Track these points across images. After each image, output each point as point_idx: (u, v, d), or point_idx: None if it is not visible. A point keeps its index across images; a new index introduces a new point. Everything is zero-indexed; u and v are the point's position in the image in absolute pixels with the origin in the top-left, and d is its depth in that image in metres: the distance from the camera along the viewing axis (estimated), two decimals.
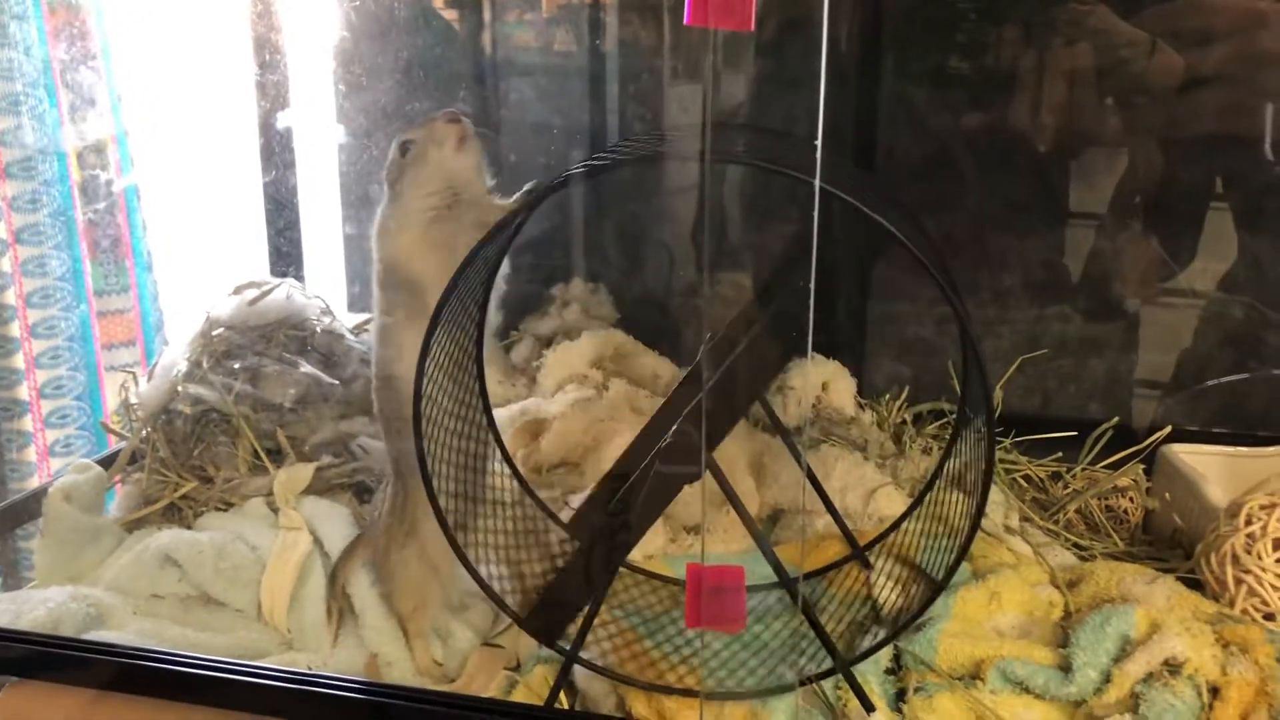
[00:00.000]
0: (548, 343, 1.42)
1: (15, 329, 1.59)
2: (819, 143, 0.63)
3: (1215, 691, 0.86)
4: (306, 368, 1.16)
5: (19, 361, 1.60)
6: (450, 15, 1.67)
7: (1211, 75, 1.35)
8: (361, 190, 1.57)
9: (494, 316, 1.14)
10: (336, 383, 1.15)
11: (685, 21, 0.63)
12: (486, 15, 1.64)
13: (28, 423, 1.63)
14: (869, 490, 1.17)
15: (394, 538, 1.02)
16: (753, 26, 0.63)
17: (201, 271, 1.72)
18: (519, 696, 0.93)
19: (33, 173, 1.58)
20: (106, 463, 1.24)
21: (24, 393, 1.61)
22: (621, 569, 1.00)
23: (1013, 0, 1.41)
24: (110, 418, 1.64)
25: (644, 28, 1.59)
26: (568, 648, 0.89)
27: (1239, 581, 0.96)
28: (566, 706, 0.91)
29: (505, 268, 0.99)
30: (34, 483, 1.62)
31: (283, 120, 1.60)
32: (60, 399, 1.66)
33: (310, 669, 0.95)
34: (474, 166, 0.99)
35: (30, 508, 1.23)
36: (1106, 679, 0.88)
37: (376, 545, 1.04)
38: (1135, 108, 1.41)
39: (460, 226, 0.95)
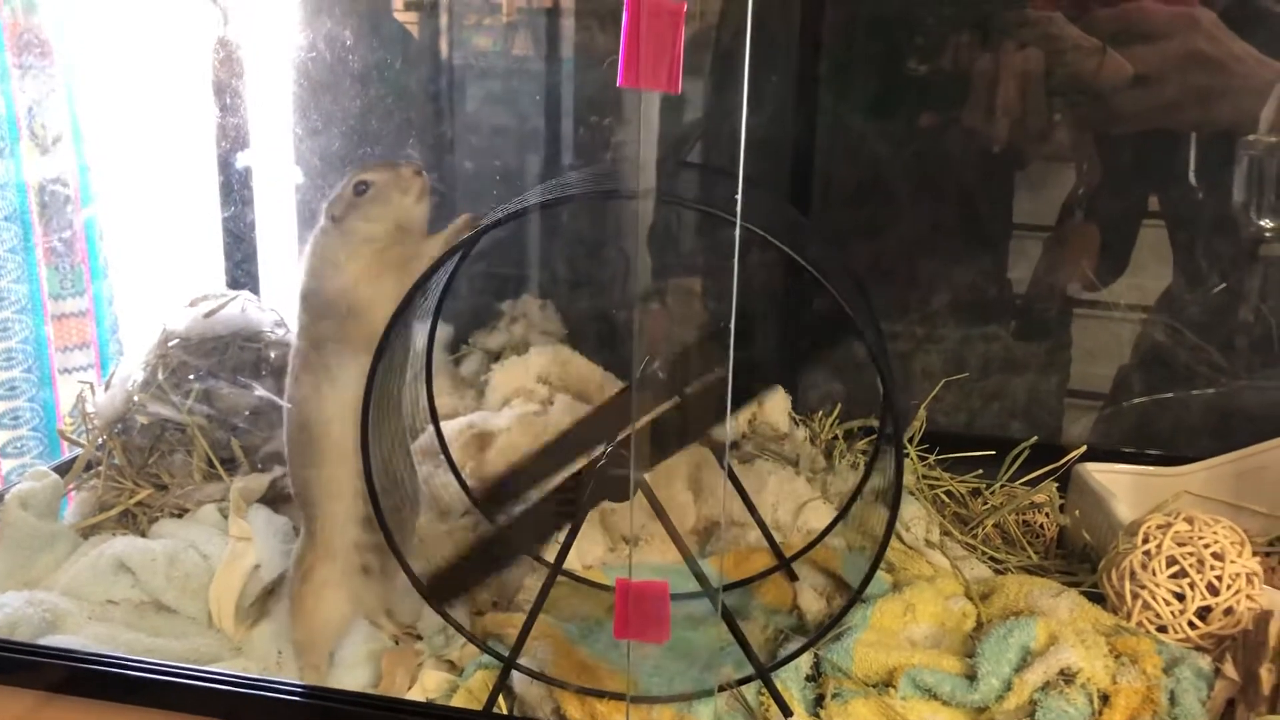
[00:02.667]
0: (496, 357, 1.47)
1: None
2: (739, 196, 0.69)
3: (1106, 699, 0.93)
4: (260, 390, 1.20)
5: None
6: (407, 18, 1.69)
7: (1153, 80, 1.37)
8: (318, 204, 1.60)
9: (443, 330, 1.19)
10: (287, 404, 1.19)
11: (619, 83, 0.68)
12: (444, 20, 1.68)
13: None
14: (799, 504, 1.23)
15: (300, 571, 1.04)
16: (679, 90, 0.69)
17: (157, 278, 1.74)
18: (459, 701, 0.97)
19: None
20: (62, 470, 1.28)
21: None
22: (560, 577, 1.06)
23: (947, 21, 1.46)
24: (64, 421, 1.66)
25: (602, 33, 1.63)
26: (506, 654, 0.94)
27: (1135, 596, 1.03)
28: (505, 711, 0.96)
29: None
30: None
31: (238, 137, 1.63)
32: (14, 400, 1.67)
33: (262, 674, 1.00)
34: (425, 218, 0.99)
35: None
36: (1008, 687, 0.94)
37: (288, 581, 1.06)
38: (1075, 120, 1.45)
39: (405, 256, 0.96)
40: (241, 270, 1.64)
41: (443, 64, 1.70)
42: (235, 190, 1.63)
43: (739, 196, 0.70)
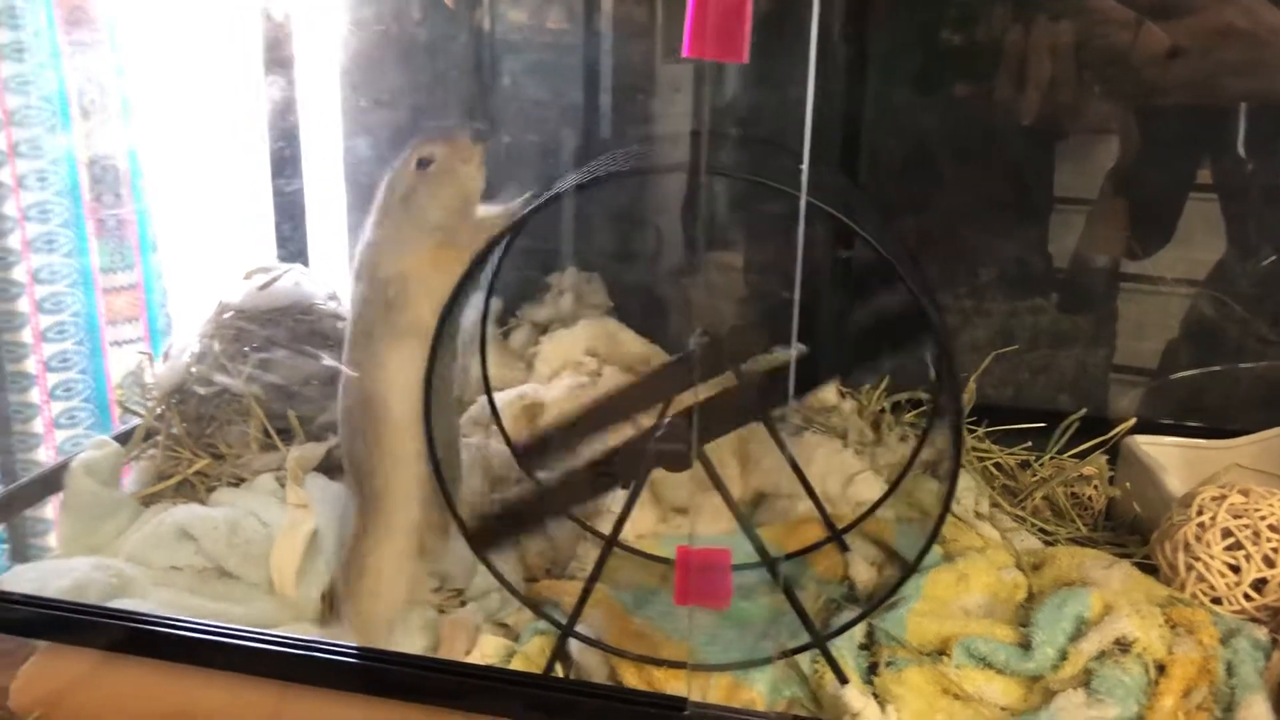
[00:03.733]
0: (544, 329, 1.48)
1: (24, 304, 1.63)
2: (805, 167, 0.69)
3: (1161, 669, 0.93)
4: (326, 359, 1.22)
5: (27, 336, 1.65)
6: None
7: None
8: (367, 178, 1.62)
9: (492, 303, 1.20)
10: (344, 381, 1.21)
11: (684, 54, 0.69)
12: None
13: (34, 395, 1.67)
14: (848, 476, 1.23)
15: (358, 554, 1.04)
16: (746, 59, 0.69)
17: (206, 252, 1.76)
18: (517, 665, 0.99)
19: (40, 151, 1.62)
20: (120, 440, 1.30)
21: (31, 366, 1.66)
22: (615, 548, 1.07)
23: None
24: (115, 392, 1.69)
25: (636, 6, 1.63)
26: (564, 622, 0.95)
27: (1189, 567, 1.03)
28: (562, 675, 0.98)
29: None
30: (41, 454, 1.67)
31: (289, 107, 1.64)
32: (66, 372, 1.70)
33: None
34: (482, 185, 0.99)
35: (51, 482, 1.28)
36: (1063, 656, 0.95)
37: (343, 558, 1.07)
38: (1117, 90, 1.44)
39: (467, 235, 0.96)
40: (292, 243, 1.66)
41: (485, 37, 1.70)
42: (285, 163, 1.65)
43: (804, 168, 0.71)
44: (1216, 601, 1.02)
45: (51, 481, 1.27)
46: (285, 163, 1.65)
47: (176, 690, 0.97)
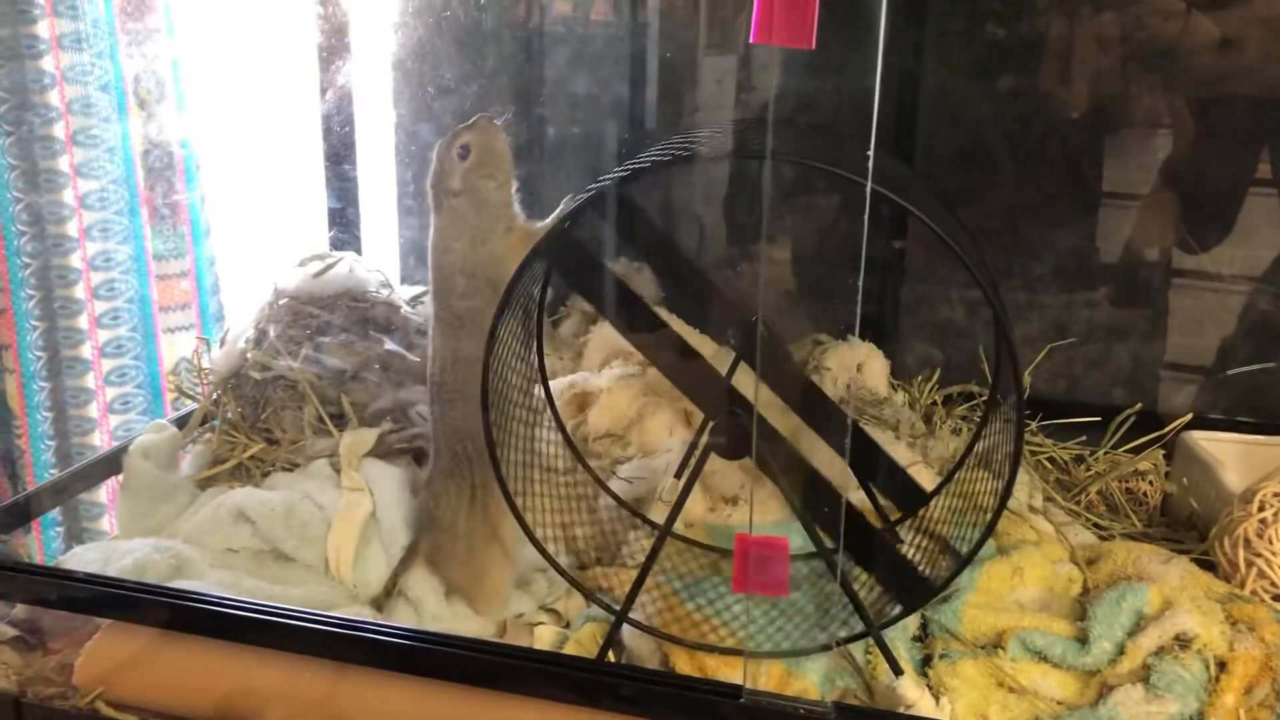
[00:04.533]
0: (594, 319, 1.48)
1: (80, 290, 1.66)
2: (870, 152, 0.69)
3: (1223, 666, 0.92)
4: (389, 345, 1.23)
5: (83, 322, 1.67)
6: None
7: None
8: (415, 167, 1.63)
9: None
10: (409, 355, 1.22)
11: (751, 40, 0.68)
12: None
13: (89, 380, 1.70)
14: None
15: (469, 527, 1.07)
16: (814, 45, 0.69)
17: (258, 239, 1.78)
18: (570, 651, 1.00)
19: (96, 140, 1.64)
20: (177, 424, 1.32)
21: (87, 351, 1.68)
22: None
23: None
24: (167, 377, 1.72)
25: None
26: (616, 607, 0.95)
27: (1250, 564, 1.02)
28: (613, 661, 0.98)
29: None
30: (95, 438, 1.70)
31: (343, 99, 1.65)
32: (120, 358, 1.73)
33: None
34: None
35: (110, 465, 1.30)
36: (1120, 651, 0.94)
37: (442, 538, 1.10)
38: (1167, 81, 1.42)
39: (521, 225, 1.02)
40: (344, 231, 1.68)
41: (532, 31, 1.71)
42: (340, 151, 1.66)
43: (870, 154, 0.70)
44: (1277, 599, 1.00)
45: (111, 464, 1.29)
46: (339, 151, 1.67)
47: (234, 669, 0.98)
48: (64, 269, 1.63)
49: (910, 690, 0.90)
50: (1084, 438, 1.33)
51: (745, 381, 0.97)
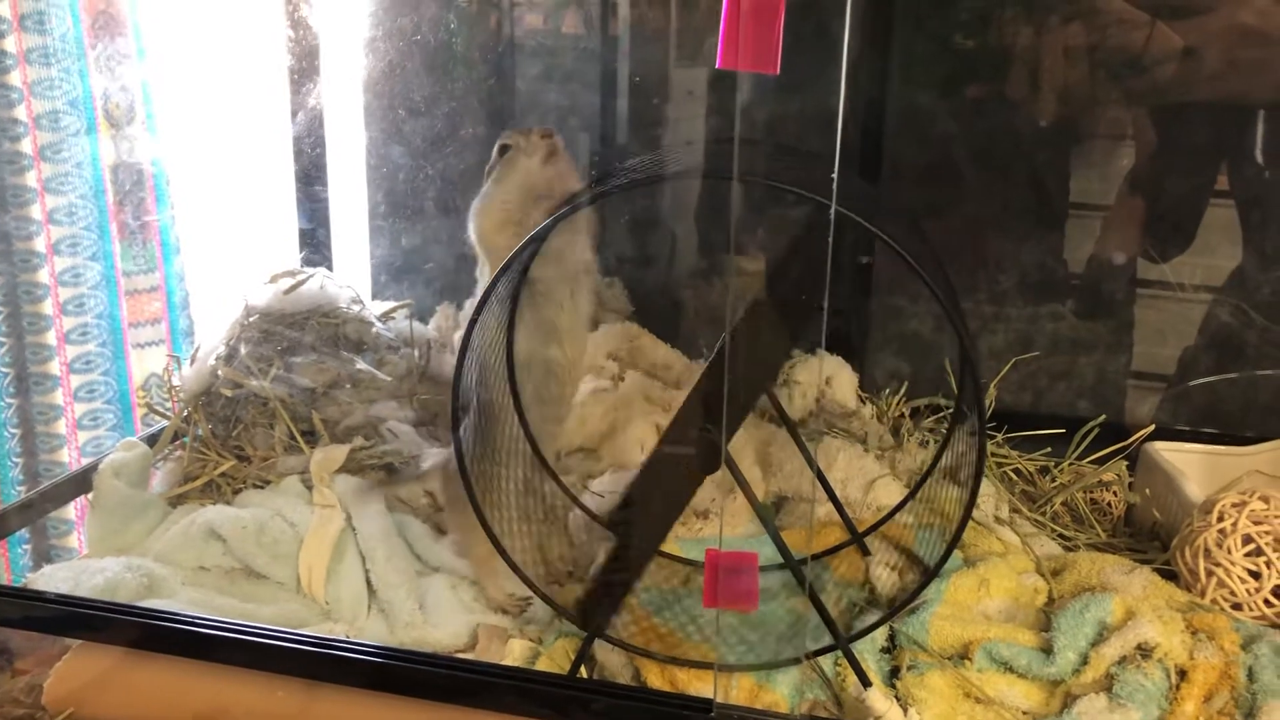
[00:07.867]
0: None
1: (48, 306, 1.64)
2: (835, 175, 0.70)
3: (1183, 674, 0.93)
4: (361, 364, 1.23)
5: (51, 338, 1.66)
6: None
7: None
8: (388, 185, 1.63)
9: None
10: (379, 373, 1.22)
11: (717, 65, 0.70)
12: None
13: (58, 396, 1.69)
14: (868, 481, 1.24)
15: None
16: (778, 70, 0.70)
17: (228, 255, 1.77)
18: (542, 667, 1.00)
19: (64, 155, 1.63)
20: (148, 442, 1.31)
21: (55, 367, 1.67)
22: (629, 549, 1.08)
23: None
24: (137, 394, 1.71)
25: (651, 10, 1.64)
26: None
27: (1210, 573, 1.04)
28: (585, 676, 0.99)
29: None
30: (64, 454, 1.69)
31: (313, 115, 1.65)
32: (89, 374, 1.71)
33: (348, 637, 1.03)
34: (558, 176, 1.10)
35: (80, 483, 1.30)
36: (1084, 661, 0.95)
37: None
38: (1131, 91, 1.44)
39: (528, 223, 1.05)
40: (315, 249, 1.67)
41: (505, 42, 1.71)
42: (310, 170, 1.66)
43: (835, 176, 0.72)
44: (1237, 607, 1.02)
45: (80, 482, 1.29)
46: (310, 169, 1.67)
47: (206, 688, 0.98)
48: (31, 285, 1.62)
49: (879, 702, 0.91)
50: (1049, 449, 1.34)
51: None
